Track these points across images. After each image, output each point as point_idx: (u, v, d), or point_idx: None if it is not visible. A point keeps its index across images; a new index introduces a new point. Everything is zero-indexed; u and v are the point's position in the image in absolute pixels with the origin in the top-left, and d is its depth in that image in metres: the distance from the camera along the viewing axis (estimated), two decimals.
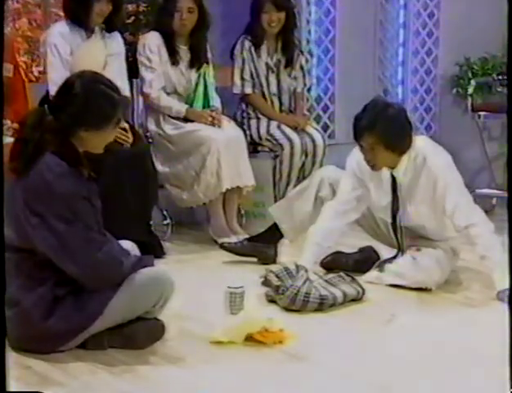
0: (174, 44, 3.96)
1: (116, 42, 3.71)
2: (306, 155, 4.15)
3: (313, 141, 4.16)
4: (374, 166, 3.15)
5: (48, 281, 2.42)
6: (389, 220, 3.30)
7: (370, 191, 3.27)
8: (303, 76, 4.35)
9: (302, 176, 4.15)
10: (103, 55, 3.63)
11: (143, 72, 3.94)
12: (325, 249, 3.30)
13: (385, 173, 3.20)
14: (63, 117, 2.41)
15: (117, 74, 3.57)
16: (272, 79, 4.24)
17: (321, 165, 4.14)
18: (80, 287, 2.44)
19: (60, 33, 3.51)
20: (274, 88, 4.25)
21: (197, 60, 3.99)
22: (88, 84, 2.47)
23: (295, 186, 3.98)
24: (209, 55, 4.07)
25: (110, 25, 3.64)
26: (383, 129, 3.05)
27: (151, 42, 3.92)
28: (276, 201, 4.04)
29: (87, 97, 2.43)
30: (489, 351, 2.35)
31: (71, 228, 2.37)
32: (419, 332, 2.77)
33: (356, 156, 3.23)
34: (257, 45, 4.16)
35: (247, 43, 4.15)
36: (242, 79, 4.18)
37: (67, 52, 3.52)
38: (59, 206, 2.36)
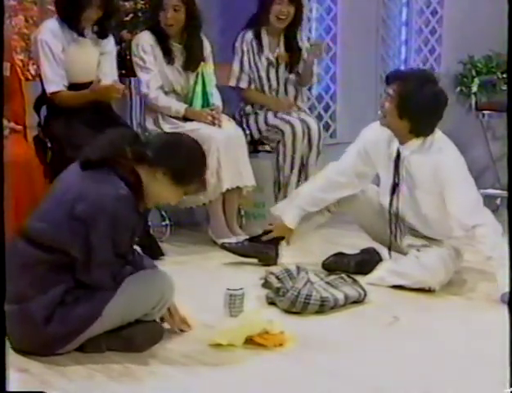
0: (168, 43, 3.92)
1: (107, 40, 3.68)
2: (304, 139, 4.12)
3: (307, 126, 4.13)
4: (382, 118, 3.14)
5: (61, 285, 2.40)
6: (388, 199, 3.26)
7: (377, 170, 3.29)
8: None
9: (302, 163, 4.12)
10: (96, 53, 3.63)
11: (139, 73, 3.91)
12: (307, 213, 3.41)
13: (394, 150, 3.18)
14: (153, 149, 2.44)
15: (109, 72, 3.57)
16: (272, 74, 4.22)
17: (318, 152, 4.12)
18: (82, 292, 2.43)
19: (50, 31, 3.49)
20: (274, 83, 4.23)
21: (192, 61, 3.93)
22: (198, 148, 2.58)
23: (298, 175, 4.03)
24: (208, 51, 4.01)
25: (101, 30, 3.62)
26: (410, 92, 3.03)
27: (144, 43, 3.89)
28: (276, 197, 4.06)
29: (191, 154, 2.51)
30: (490, 352, 2.35)
31: (103, 246, 2.37)
32: (421, 334, 2.75)
33: (372, 130, 3.21)
34: (259, 38, 4.13)
35: (248, 36, 4.12)
36: (240, 71, 4.15)
37: (59, 49, 3.50)
38: (106, 225, 2.35)
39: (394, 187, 3.24)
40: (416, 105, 3.04)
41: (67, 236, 2.36)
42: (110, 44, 3.69)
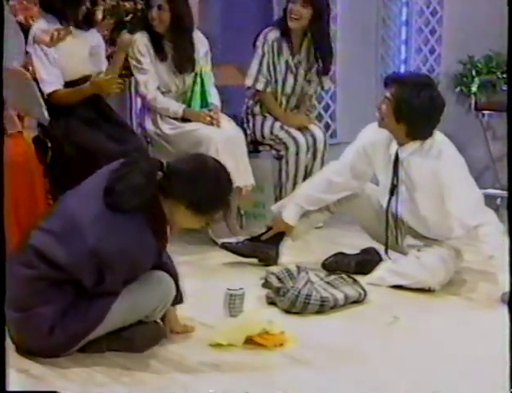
0: (160, 42, 3.89)
1: (95, 35, 3.68)
2: (308, 152, 4.12)
3: (313, 136, 4.13)
4: (380, 121, 3.14)
5: (63, 299, 2.40)
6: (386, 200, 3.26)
7: (375, 171, 3.28)
8: (320, 81, 4.26)
9: (306, 174, 4.12)
10: (87, 47, 3.62)
11: (136, 74, 3.91)
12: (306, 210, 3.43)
13: (393, 152, 3.17)
14: (177, 182, 2.41)
15: (100, 66, 3.56)
16: (290, 78, 4.17)
17: (322, 161, 4.12)
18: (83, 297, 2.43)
19: (40, 30, 3.49)
20: (288, 89, 4.19)
21: (182, 61, 3.90)
22: (225, 177, 2.51)
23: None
24: (205, 50, 3.99)
25: (86, 23, 3.61)
26: (407, 97, 3.02)
27: (139, 44, 3.88)
28: (276, 201, 4.02)
29: (217, 185, 2.46)
30: (490, 352, 2.35)
31: (115, 283, 2.39)
32: (421, 334, 2.75)
33: (370, 131, 3.21)
34: (281, 39, 4.06)
35: (271, 36, 4.05)
36: (257, 72, 4.10)
37: (51, 48, 3.49)
38: (124, 271, 2.37)
39: (393, 189, 3.24)
40: (413, 109, 3.04)
41: (83, 268, 2.35)
42: (97, 38, 3.68)
